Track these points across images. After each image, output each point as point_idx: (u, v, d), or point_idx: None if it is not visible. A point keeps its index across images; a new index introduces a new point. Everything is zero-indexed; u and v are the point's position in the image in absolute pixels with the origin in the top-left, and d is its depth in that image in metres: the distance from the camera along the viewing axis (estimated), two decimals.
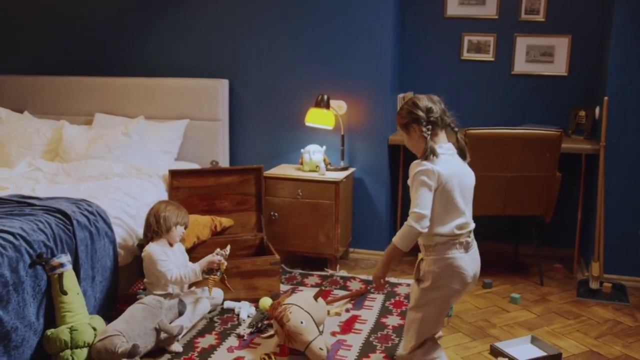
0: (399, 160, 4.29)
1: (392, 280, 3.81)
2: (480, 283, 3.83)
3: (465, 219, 2.47)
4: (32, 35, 4.78)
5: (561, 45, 4.14)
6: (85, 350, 2.67)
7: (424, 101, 2.51)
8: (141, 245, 3.27)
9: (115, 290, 3.24)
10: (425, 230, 2.38)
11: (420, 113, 2.48)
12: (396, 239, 2.43)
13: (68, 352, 2.65)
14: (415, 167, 2.44)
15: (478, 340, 3.08)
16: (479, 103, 4.36)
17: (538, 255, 3.92)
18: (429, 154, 2.42)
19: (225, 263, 3.16)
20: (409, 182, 2.48)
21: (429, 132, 2.47)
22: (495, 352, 2.91)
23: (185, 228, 3.26)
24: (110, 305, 3.17)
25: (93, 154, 3.98)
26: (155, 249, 3.08)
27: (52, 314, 2.75)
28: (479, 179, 3.56)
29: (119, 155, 3.99)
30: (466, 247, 2.48)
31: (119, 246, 3.27)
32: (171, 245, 3.19)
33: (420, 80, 4.45)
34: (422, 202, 2.37)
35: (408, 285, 3.72)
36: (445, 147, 2.52)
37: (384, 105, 4.13)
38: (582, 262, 4.05)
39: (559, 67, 4.16)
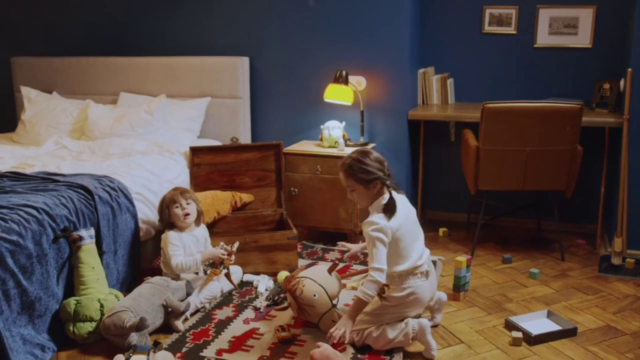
0: (419, 136, 4.28)
1: None
2: (499, 258, 3.82)
3: (419, 252, 2.71)
4: (60, 18, 4.89)
5: (585, 17, 4.04)
6: (87, 325, 2.74)
7: (375, 154, 2.69)
8: None
9: (137, 264, 3.34)
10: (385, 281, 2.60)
11: (382, 168, 2.65)
12: (363, 295, 2.56)
13: (71, 324, 2.75)
14: (369, 225, 2.59)
15: (493, 314, 3.09)
16: (500, 77, 4.31)
17: (560, 230, 3.88)
18: (389, 210, 2.61)
19: (232, 258, 3.19)
20: (364, 234, 2.63)
21: (388, 187, 2.67)
22: (509, 326, 2.92)
23: (188, 203, 3.22)
24: (133, 279, 3.27)
25: (117, 132, 4.07)
26: (171, 234, 3.18)
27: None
28: (498, 153, 3.57)
29: (141, 133, 4.07)
30: (426, 275, 2.71)
31: (141, 221, 3.35)
32: (182, 229, 3.23)
33: (441, 55, 4.42)
34: (381, 258, 2.56)
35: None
36: (395, 194, 2.68)
37: (403, 80, 4.11)
38: (606, 237, 3.99)
39: (583, 39, 4.08)
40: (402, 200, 2.72)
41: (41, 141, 4.17)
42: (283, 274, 3.40)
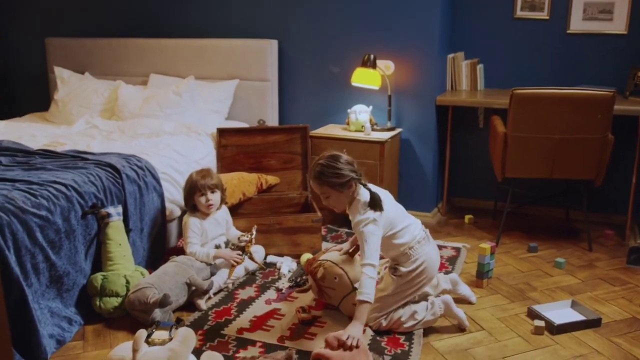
0: (447, 122, 4.24)
1: (438, 242, 3.81)
2: (525, 247, 3.78)
3: (413, 223, 2.74)
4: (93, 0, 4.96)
5: (621, 2, 3.94)
6: (113, 300, 2.81)
7: (344, 156, 2.65)
8: None
9: (162, 242, 3.40)
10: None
11: (353, 168, 2.62)
12: (366, 296, 2.50)
13: (97, 298, 2.82)
14: (359, 224, 2.57)
15: (516, 302, 3.06)
16: (532, 63, 4.24)
17: (588, 220, 3.82)
18: (376, 204, 2.59)
19: (252, 243, 3.23)
20: (357, 234, 2.62)
21: (363, 184, 2.65)
22: (532, 314, 2.89)
23: (213, 192, 3.22)
24: (158, 257, 3.33)
25: (146, 112, 4.13)
26: (192, 220, 3.21)
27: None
28: (526, 140, 3.52)
29: (170, 114, 4.12)
30: (427, 239, 2.74)
31: (167, 201, 3.40)
32: (204, 216, 3.25)
33: (471, 40, 4.36)
34: (373, 253, 2.54)
35: (453, 248, 3.72)
36: (371, 186, 2.67)
37: (432, 65, 4.07)
38: (636, 229, 3.91)
39: (618, 25, 3.98)
40: (376, 188, 2.70)
41: (73, 121, 4.25)
42: (306, 256, 3.42)
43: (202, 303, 2.95)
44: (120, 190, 3.08)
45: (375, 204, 2.59)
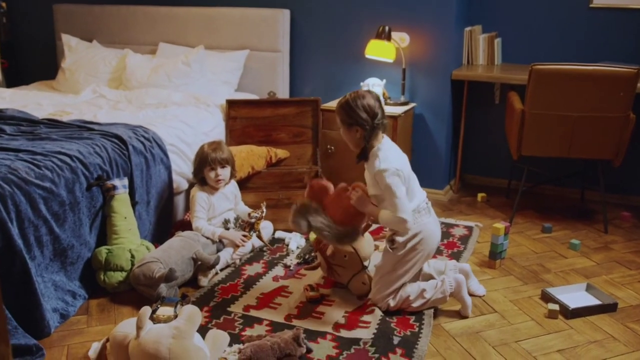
0: (462, 97, 4.12)
1: (450, 221, 3.74)
2: (539, 227, 3.70)
3: (420, 189, 2.69)
4: None
5: None
6: (118, 274, 2.76)
7: (370, 101, 2.54)
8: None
9: (169, 216, 3.34)
10: None
11: (368, 118, 2.52)
12: (385, 218, 2.53)
13: (102, 272, 2.77)
14: (383, 172, 2.50)
15: (530, 284, 2.99)
16: (552, 38, 4.09)
17: (604, 201, 3.72)
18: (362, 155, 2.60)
19: (262, 220, 3.18)
20: (382, 184, 2.52)
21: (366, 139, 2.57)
22: (546, 297, 2.82)
23: (223, 167, 3.15)
24: (165, 231, 3.27)
25: (154, 82, 4.04)
26: (199, 195, 3.14)
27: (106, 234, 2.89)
28: (544, 117, 3.41)
29: (178, 84, 4.03)
30: (429, 211, 2.66)
31: (174, 173, 3.33)
32: (212, 190, 3.19)
33: (489, 13, 4.21)
34: (406, 204, 2.51)
35: (465, 227, 3.64)
36: (385, 141, 2.61)
37: (448, 38, 3.94)
38: None
39: None
40: (391, 143, 2.63)
41: (80, 89, 4.17)
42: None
43: (204, 280, 2.89)
44: (126, 162, 3.01)
45: (362, 156, 2.58)
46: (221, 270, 3.02)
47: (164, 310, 2.55)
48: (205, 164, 3.11)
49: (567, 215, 3.91)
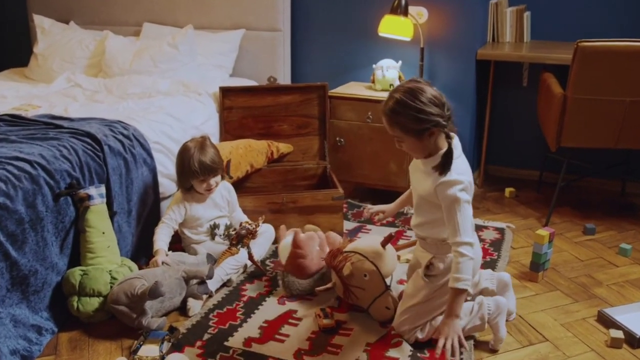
0: (488, 79, 3.64)
1: (477, 222, 3.27)
2: (579, 228, 3.24)
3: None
4: None
5: None
6: (95, 300, 2.31)
7: (430, 90, 1.98)
8: None
9: (156, 225, 2.85)
10: None
11: (440, 111, 1.97)
12: (464, 284, 1.98)
13: (75, 298, 2.31)
14: (453, 185, 1.98)
15: (581, 302, 2.53)
16: (596, 11, 3.59)
17: None
18: (446, 165, 1.99)
19: (255, 236, 2.67)
20: (442, 197, 2.00)
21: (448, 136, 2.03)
22: (604, 320, 2.36)
23: (215, 175, 2.68)
24: (152, 244, 2.79)
25: (137, 68, 3.56)
26: (179, 204, 2.70)
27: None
28: (591, 103, 2.93)
29: (165, 69, 3.56)
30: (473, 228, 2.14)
31: (161, 175, 2.86)
32: (199, 200, 2.73)
33: None
34: (469, 229, 2.00)
35: (496, 229, 3.18)
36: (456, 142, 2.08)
37: (472, 12, 3.46)
38: None
39: None
40: (459, 144, 2.10)
41: (54, 78, 3.68)
42: None
43: (194, 306, 2.43)
44: (101, 165, 2.53)
45: (444, 162, 1.98)
46: (216, 291, 2.56)
47: (148, 350, 2.13)
48: (193, 175, 2.63)
49: (609, 212, 3.45)
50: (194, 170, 2.60)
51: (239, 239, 2.62)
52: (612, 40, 2.86)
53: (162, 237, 2.60)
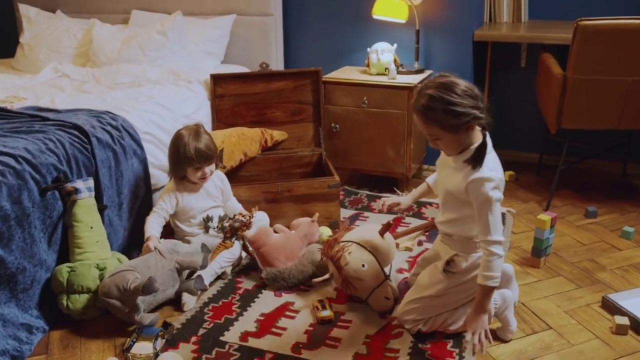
0: (486, 60, 3.56)
1: None
2: (581, 211, 3.18)
3: None
4: None
5: None
6: (84, 297, 2.24)
7: (462, 82, 1.88)
8: None
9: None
10: None
11: (476, 103, 1.88)
12: (490, 281, 1.90)
13: (64, 296, 2.25)
14: (485, 182, 1.88)
15: (585, 287, 2.48)
16: None
17: None
18: (478, 158, 1.90)
19: (249, 227, 2.59)
20: (475, 195, 1.90)
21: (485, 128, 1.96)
22: (608, 306, 2.31)
23: (210, 163, 2.61)
24: (144, 237, 2.72)
25: (126, 57, 3.47)
26: (170, 194, 2.62)
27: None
28: (592, 83, 2.86)
29: (154, 57, 3.47)
30: None
31: (152, 166, 2.79)
32: (192, 189, 2.66)
33: None
34: (500, 227, 1.92)
35: None
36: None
37: None
38: None
39: None
40: (489, 139, 2.00)
41: (41, 68, 3.58)
42: (323, 230, 2.83)
43: (188, 301, 2.36)
44: (89, 158, 2.46)
45: (477, 156, 1.89)
46: (210, 284, 2.50)
47: (141, 348, 2.07)
48: (189, 162, 2.55)
49: (611, 195, 3.39)
50: (190, 157, 2.52)
51: (233, 231, 2.55)
52: (614, 18, 2.77)
53: (153, 225, 2.54)
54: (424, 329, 2.12)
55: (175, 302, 2.39)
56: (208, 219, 2.66)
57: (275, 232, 2.65)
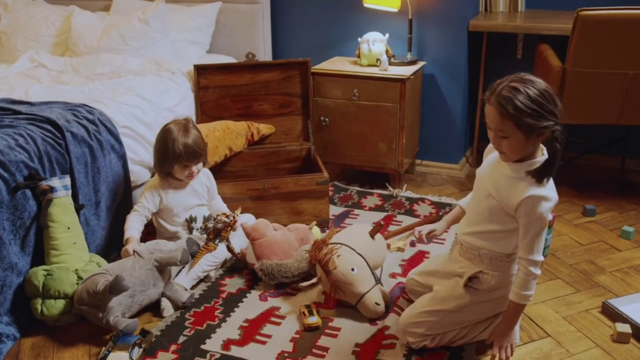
0: (481, 51, 3.43)
1: None
2: (578, 209, 3.08)
3: None
4: None
5: None
6: (60, 303, 2.12)
7: (544, 83, 1.75)
8: None
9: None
10: None
11: (556, 110, 1.74)
12: (524, 299, 1.83)
13: (39, 300, 2.13)
14: (544, 201, 1.76)
15: (583, 291, 2.38)
16: None
17: None
18: (546, 173, 1.77)
19: (234, 228, 2.48)
20: (527, 212, 1.78)
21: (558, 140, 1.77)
22: (609, 312, 2.21)
23: (198, 162, 2.48)
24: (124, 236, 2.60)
25: (106, 46, 3.32)
26: (152, 191, 2.48)
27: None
28: (592, 77, 2.75)
29: (136, 47, 3.32)
30: None
31: (131, 162, 2.65)
32: (177, 186, 2.53)
33: None
34: (541, 248, 1.81)
35: None
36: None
37: None
38: None
39: None
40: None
41: (18, 57, 3.42)
42: (315, 231, 2.70)
43: (168, 306, 2.24)
44: (63, 154, 2.32)
45: (544, 171, 1.75)
46: (192, 287, 2.37)
47: (117, 358, 1.95)
48: (176, 159, 2.41)
49: (609, 191, 3.29)
50: (178, 154, 2.39)
51: (216, 233, 2.42)
52: (616, 8, 2.66)
53: (133, 225, 2.41)
54: (431, 345, 2.00)
55: (154, 308, 2.27)
56: (192, 219, 2.53)
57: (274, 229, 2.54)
